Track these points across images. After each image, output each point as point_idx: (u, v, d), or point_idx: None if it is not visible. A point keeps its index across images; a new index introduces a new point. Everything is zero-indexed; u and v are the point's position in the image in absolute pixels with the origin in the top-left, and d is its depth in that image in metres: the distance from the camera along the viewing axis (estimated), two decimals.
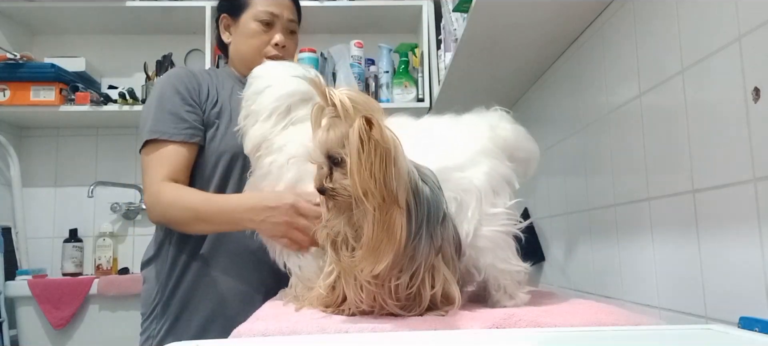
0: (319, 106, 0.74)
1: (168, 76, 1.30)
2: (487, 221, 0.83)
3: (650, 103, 0.97)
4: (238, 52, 1.38)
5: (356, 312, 0.75)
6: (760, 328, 0.61)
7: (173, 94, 1.24)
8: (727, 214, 0.76)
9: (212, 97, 1.29)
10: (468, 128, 0.92)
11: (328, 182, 0.72)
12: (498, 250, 0.83)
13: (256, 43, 1.34)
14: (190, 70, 1.33)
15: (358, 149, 0.65)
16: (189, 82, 1.27)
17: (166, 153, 1.20)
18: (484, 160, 0.86)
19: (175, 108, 1.23)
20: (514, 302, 0.84)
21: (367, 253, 0.68)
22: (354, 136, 0.65)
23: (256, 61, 1.28)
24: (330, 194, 0.72)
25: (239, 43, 1.37)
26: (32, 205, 2.43)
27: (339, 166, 0.72)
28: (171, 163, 1.20)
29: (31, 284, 2.07)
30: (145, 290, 1.29)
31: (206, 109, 1.28)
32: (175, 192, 1.17)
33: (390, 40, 2.44)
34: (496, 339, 0.63)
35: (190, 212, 1.15)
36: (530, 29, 1.28)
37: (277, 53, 1.34)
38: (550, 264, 1.56)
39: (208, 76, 1.35)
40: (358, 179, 0.65)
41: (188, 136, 1.22)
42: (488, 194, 0.84)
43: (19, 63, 2.21)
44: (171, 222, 1.20)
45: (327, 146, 0.71)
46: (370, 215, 0.67)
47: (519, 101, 1.80)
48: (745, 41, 0.71)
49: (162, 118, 1.22)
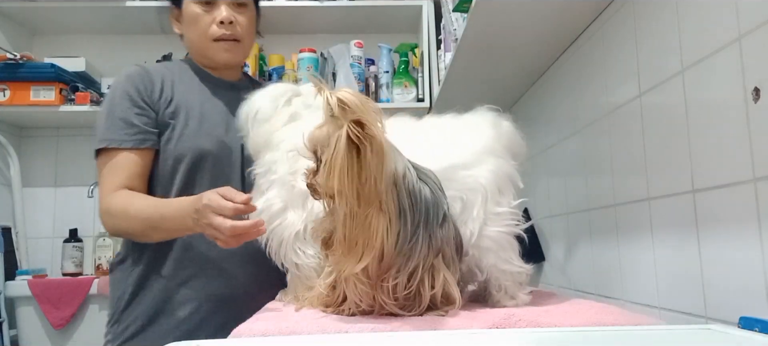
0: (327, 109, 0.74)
1: (119, 79, 1.22)
2: (491, 221, 0.82)
3: (650, 103, 0.97)
4: (189, 43, 1.29)
5: (356, 312, 0.75)
6: (760, 328, 0.61)
7: (123, 99, 1.18)
8: (727, 214, 0.76)
9: (166, 96, 1.22)
10: (471, 127, 0.92)
11: (312, 179, 0.73)
12: (501, 251, 0.83)
13: (201, 27, 1.23)
14: (145, 68, 1.26)
15: (333, 149, 0.66)
16: (141, 83, 1.20)
17: (118, 162, 1.15)
18: (490, 158, 0.86)
19: (124, 113, 1.17)
20: (515, 302, 0.84)
21: (345, 252, 0.70)
22: (333, 137, 0.67)
23: (206, 46, 1.23)
24: (311, 190, 0.74)
25: (187, 33, 1.27)
26: (32, 205, 2.43)
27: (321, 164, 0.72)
28: (124, 171, 1.15)
29: (31, 284, 2.07)
30: (110, 294, 1.25)
31: (160, 109, 1.20)
32: (124, 201, 1.12)
33: (390, 40, 2.44)
34: (496, 339, 0.63)
35: (138, 222, 1.10)
36: (530, 29, 1.28)
37: (225, 32, 1.22)
38: (550, 264, 1.56)
39: (165, 72, 1.26)
40: (331, 178, 0.67)
41: (138, 143, 1.16)
42: (494, 193, 0.83)
43: (19, 63, 2.21)
44: (124, 233, 1.16)
45: (313, 143, 0.73)
46: (343, 215, 0.68)
47: (519, 101, 1.80)
48: (745, 41, 0.71)
49: (112, 125, 1.16)
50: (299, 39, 2.46)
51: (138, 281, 1.20)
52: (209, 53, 1.25)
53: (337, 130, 0.67)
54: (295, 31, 2.51)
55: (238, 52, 1.27)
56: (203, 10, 1.22)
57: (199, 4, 1.22)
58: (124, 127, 1.16)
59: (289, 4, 2.31)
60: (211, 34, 1.22)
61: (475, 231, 0.82)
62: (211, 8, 1.22)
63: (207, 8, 1.22)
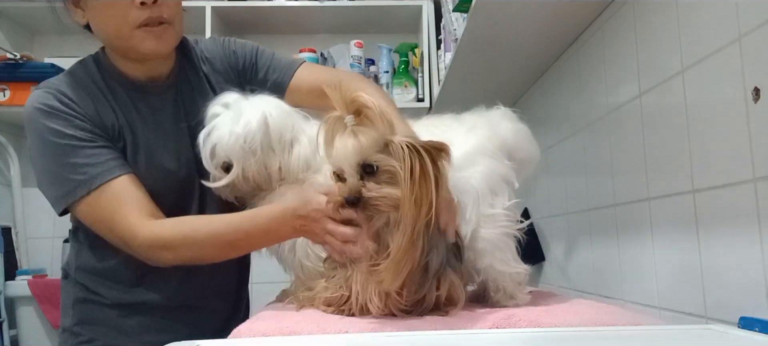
0: (337, 116, 0.71)
1: (35, 117, 0.96)
2: (485, 223, 0.82)
3: (650, 103, 0.97)
4: (102, 35, 1.01)
5: (357, 313, 0.75)
6: (760, 328, 0.61)
7: (58, 141, 0.94)
8: (727, 214, 0.76)
9: (109, 122, 0.98)
10: (466, 127, 0.91)
11: (366, 192, 0.68)
12: (496, 252, 0.82)
13: (117, 14, 0.94)
14: (57, 89, 0.99)
15: (417, 166, 0.66)
16: (66, 111, 0.96)
17: (113, 193, 0.93)
18: (481, 159, 0.85)
19: (74, 156, 0.94)
20: (515, 302, 0.84)
21: (392, 266, 0.68)
22: (405, 159, 0.67)
23: (127, 36, 0.95)
24: (368, 204, 0.68)
25: (97, 22, 0.99)
26: (32, 205, 2.43)
27: (373, 175, 0.69)
28: (131, 198, 0.94)
29: (31, 284, 2.07)
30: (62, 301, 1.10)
31: (104, 132, 0.98)
32: (181, 229, 0.94)
33: (390, 40, 2.44)
34: (496, 339, 0.63)
35: (214, 246, 0.93)
36: (530, 29, 1.28)
37: (151, 15, 0.94)
38: (550, 264, 1.56)
39: (90, 89, 1.01)
40: (418, 196, 0.66)
41: (118, 168, 0.95)
42: (486, 195, 0.83)
43: (19, 63, 2.21)
44: (188, 261, 0.96)
45: (363, 154, 0.68)
46: (407, 231, 0.66)
47: (519, 101, 1.80)
48: (745, 41, 0.71)
49: (71, 169, 0.94)
50: (299, 39, 2.46)
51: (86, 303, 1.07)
52: (132, 44, 0.96)
53: (395, 139, 0.68)
54: (295, 31, 2.51)
55: (170, 37, 0.99)
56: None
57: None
58: (91, 163, 0.94)
59: (289, 4, 2.31)
60: (132, 20, 0.93)
61: (468, 233, 0.81)
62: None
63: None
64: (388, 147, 0.69)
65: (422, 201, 0.67)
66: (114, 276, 1.04)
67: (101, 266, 1.04)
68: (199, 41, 1.14)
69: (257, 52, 1.15)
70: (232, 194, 1.00)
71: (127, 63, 1.03)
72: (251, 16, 2.35)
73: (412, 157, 0.67)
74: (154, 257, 0.95)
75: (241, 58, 1.14)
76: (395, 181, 0.68)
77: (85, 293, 1.06)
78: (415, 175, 0.67)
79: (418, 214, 0.67)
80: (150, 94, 1.04)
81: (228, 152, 0.94)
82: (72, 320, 1.06)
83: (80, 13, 1.01)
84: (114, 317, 1.05)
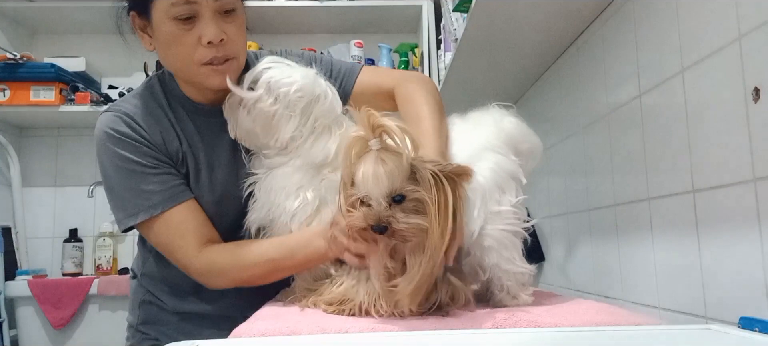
0: (360, 136, 0.70)
1: (104, 140, 0.99)
2: (492, 220, 0.82)
3: (650, 103, 0.97)
4: (169, 67, 1.02)
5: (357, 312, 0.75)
6: (760, 328, 0.61)
7: (125, 165, 0.98)
8: (727, 214, 0.76)
9: (173, 148, 1.01)
10: (471, 124, 0.91)
11: (396, 223, 0.68)
12: (503, 250, 0.82)
13: (182, 52, 0.94)
14: (126, 114, 1.00)
15: (442, 197, 0.68)
16: (133, 136, 0.99)
17: (172, 222, 0.98)
18: (489, 155, 0.85)
19: (139, 181, 0.98)
20: (517, 302, 0.84)
21: (413, 290, 0.69)
22: (433, 184, 0.68)
23: (193, 73, 0.96)
24: (396, 233, 0.68)
25: (163, 55, 0.99)
26: (32, 205, 2.43)
27: (399, 203, 0.68)
28: (189, 227, 0.98)
29: (31, 284, 2.07)
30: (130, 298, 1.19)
31: (169, 156, 1.01)
32: (231, 256, 0.98)
33: (390, 40, 2.44)
34: (497, 339, 0.63)
35: (260, 268, 0.96)
36: (530, 29, 1.28)
37: (217, 54, 0.94)
38: (550, 264, 1.56)
39: (157, 115, 1.02)
40: (444, 227, 0.68)
41: (179, 195, 0.99)
42: (493, 191, 0.82)
43: (19, 63, 2.21)
44: (239, 283, 1.00)
45: (393, 184, 0.67)
46: (435, 258, 0.68)
47: (519, 101, 1.80)
48: (745, 41, 0.71)
49: (135, 194, 0.98)
50: (299, 39, 2.46)
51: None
52: (198, 80, 0.98)
53: (424, 170, 0.69)
54: (295, 31, 2.51)
55: (234, 71, 0.99)
56: (182, 29, 0.93)
57: (175, 22, 0.93)
58: (152, 192, 0.98)
59: (289, 4, 2.32)
60: (198, 58, 0.94)
61: (476, 231, 0.81)
62: (192, 24, 0.93)
63: (187, 25, 0.93)
64: (415, 174, 0.69)
65: (446, 229, 0.68)
66: (173, 285, 1.10)
67: (162, 275, 1.11)
68: (258, 56, 1.13)
69: (315, 62, 1.13)
70: (238, 129, 0.98)
71: (190, 88, 1.04)
72: (252, 16, 2.32)
73: (439, 189, 0.68)
74: (209, 282, 1.00)
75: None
76: (422, 209, 0.69)
77: (150, 296, 1.13)
78: (441, 205, 0.68)
79: (442, 242, 0.68)
80: (212, 116, 1.04)
81: (275, 86, 0.93)
82: (138, 319, 1.14)
83: (148, 40, 1.01)
84: (176, 322, 1.12)
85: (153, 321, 1.13)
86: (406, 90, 1.05)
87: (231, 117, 0.98)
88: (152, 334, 1.13)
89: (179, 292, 1.11)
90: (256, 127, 0.94)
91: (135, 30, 1.01)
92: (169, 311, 1.12)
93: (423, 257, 0.68)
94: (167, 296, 1.12)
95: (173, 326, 1.12)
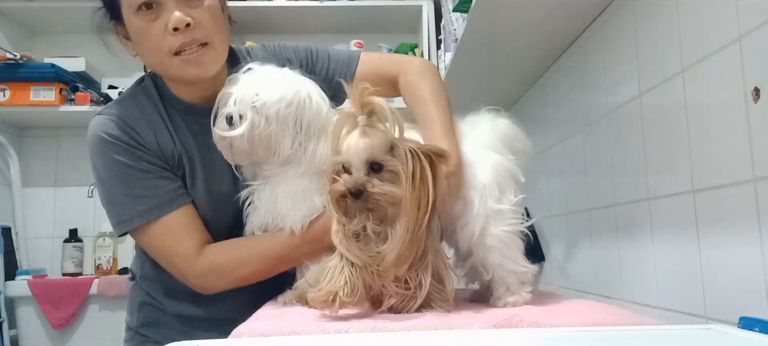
0: (350, 113, 0.75)
1: (97, 144, 0.98)
2: (493, 219, 0.82)
3: (650, 103, 0.97)
4: (149, 67, 1.01)
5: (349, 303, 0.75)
6: (760, 328, 0.61)
7: (120, 169, 0.96)
8: (727, 214, 0.76)
9: (168, 151, 0.99)
10: (470, 126, 0.92)
11: (371, 187, 0.73)
12: (506, 250, 0.82)
13: (152, 45, 0.92)
14: (119, 118, 0.99)
15: (418, 170, 0.72)
16: (128, 140, 0.97)
17: (168, 226, 0.97)
18: (490, 154, 0.86)
19: (134, 185, 0.96)
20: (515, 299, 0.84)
21: (397, 257, 0.72)
22: (409, 157, 0.72)
23: (167, 65, 0.94)
24: (370, 198, 0.73)
25: (141, 55, 0.98)
26: (32, 205, 2.43)
27: (377, 172, 0.73)
28: (185, 232, 0.97)
29: (31, 284, 2.07)
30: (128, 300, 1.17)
31: (173, 169, 1.01)
32: (232, 253, 0.97)
33: (390, 40, 2.44)
34: (497, 339, 0.63)
35: (263, 263, 0.95)
36: (530, 29, 1.28)
37: (185, 40, 0.91)
38: (550, 264, 1.56)
39: (151, 118, 1.00)
40: (419, 198, 0.72)
41: (176, 199, 0.98)
42: (493, 189, 0.83)
43: (19, 63, 2.21)
44: (243, 281, 0.99)
45: (371, 153, 0.73)
46: (410, 226, 0.72)
47: (519, 101, 1.80)
48: (745, 41, 0.71)
49: (130, 199, 0.97)
50: (299, 39, 2.45)
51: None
52: (173, 72, 0.95)
53: (399, 144, 0.74)
54: (295, 31, 2.51)
55: (210, 59, 0.95)
56: (147, 21, 0.90)
57: (140, 14, 0.90)
58: (147, 197, 0.96)
59: (289, 4, 2.32)
60: (167, 48, 0.91)
61: (476, 231, 0.81)
62: (157, 13, 0.90)
63: (151, 15, 0.90)
64: (393, 149, 0.74)
65: (421, 202, 0.72)
66: (172, 288, 1.08)
67: (160, 278, 1.08)
68: (251, 51, 1.10)
69: (312, 54, 1.12)
70: (234, 155, 0.95)
71: (178, 87, 1.02)
72: (252, 16, 2.35)
73: (414, 162, 0.73)
74: (208, 285, 0.99)
75: (296, 64, 1.07)
76: (397, 180, 0.73)
77: (149, 298, 1.12)
78: (416, 177, 0.72)
79: (417, 212, 0.72)
80: (203, 116, 1.00)
81: (264, 109, 0.90)
82: (138, 322, 1.12)
83: (131, 46, 0.99)
84: (176, 325, 1.10)
85: (153, 323, 1.12)
86: (409, 79, 1.03)
87: (224, 149, 0.95)
88: (153, 337, 1.11)
89: (178, 295, 1.09)
90: (256, 150, 0.93)
91: (120, 41, 1.00)
92: (169, 314, 1.11)
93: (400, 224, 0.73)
94: (166, 299, 1.11)
95: (174, 328, 1.10)
